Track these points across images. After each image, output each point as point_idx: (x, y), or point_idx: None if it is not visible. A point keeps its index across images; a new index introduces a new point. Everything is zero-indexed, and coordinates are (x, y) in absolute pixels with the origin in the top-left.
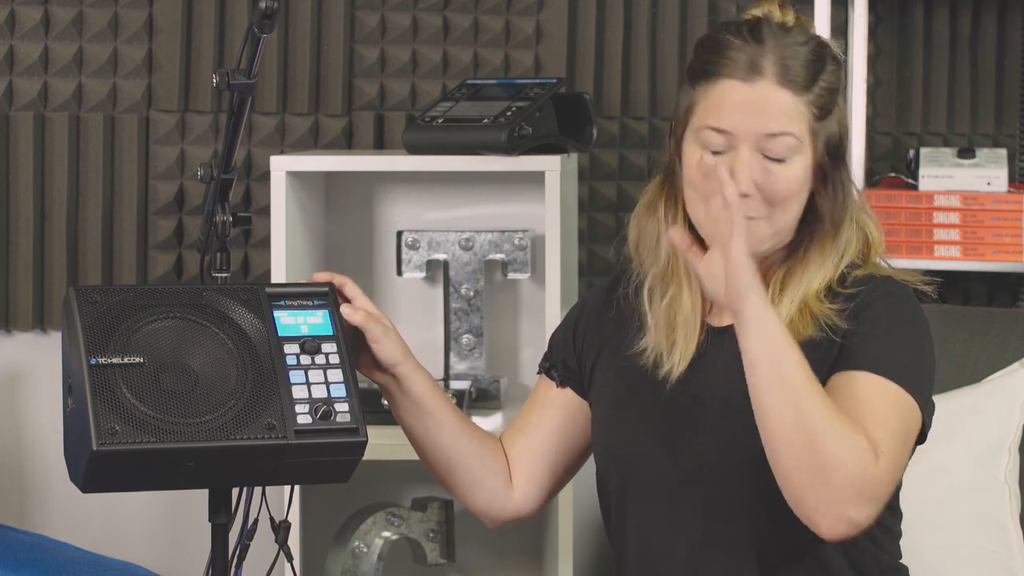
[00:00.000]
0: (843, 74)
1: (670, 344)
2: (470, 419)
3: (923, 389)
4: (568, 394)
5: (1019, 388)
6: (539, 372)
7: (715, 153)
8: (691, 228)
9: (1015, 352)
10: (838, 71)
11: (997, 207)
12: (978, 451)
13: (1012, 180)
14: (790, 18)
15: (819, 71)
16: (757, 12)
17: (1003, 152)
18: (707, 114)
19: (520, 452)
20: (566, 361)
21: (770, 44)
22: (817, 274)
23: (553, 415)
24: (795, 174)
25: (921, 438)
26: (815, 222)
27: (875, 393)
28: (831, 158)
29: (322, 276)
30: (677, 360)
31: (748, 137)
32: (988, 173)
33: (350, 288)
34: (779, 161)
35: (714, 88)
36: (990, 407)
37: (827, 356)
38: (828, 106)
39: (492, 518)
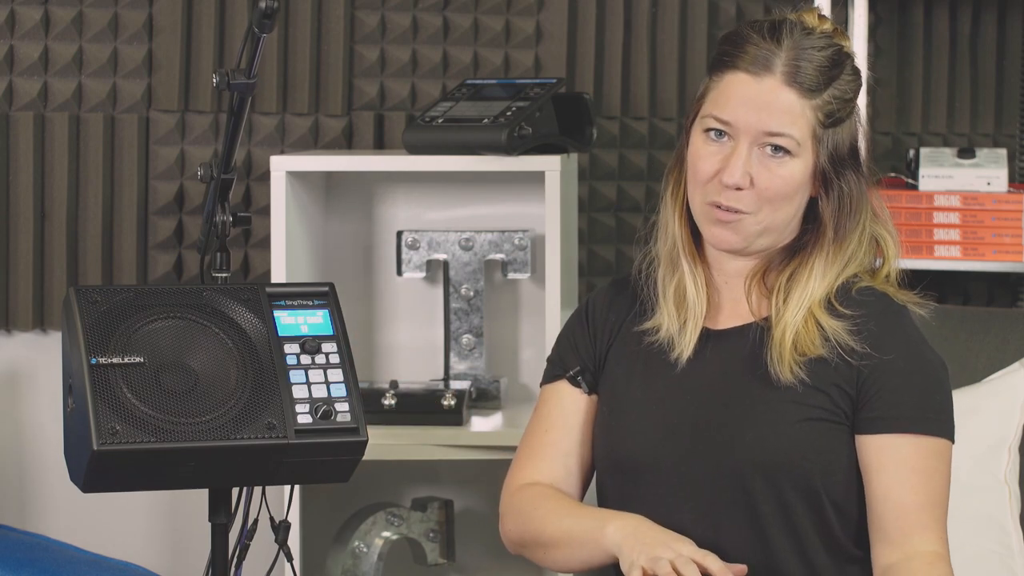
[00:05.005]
0: (859, 85)
1: (681, 323)
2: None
3: (951, 420)
4: (594, 399)
5: (1019, 388)
6: (546, 381)
7: (717, 136)
8: (691, 218)
9: (1015, 352)
10: (855, 82)
11: (997, 207)
12: (978, 451)
13: (1012, 180)
14: (827, 26)
15: (833, 78)
16: (789, 15)
17: (1003, 152)
18: (714, 103)
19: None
20: (586, 363)
21: (787, 44)
22: (821, 282)
23: (586, 429)
24: (789, 174)
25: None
26: (820, 229)
27: (920, 466)
28: (837, 167)
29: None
30: (687, 342)
31: (748, 132)
32: (988, 173)
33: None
34: (776, 158)
35: (724, 79)
36: (990, 407)
37: (848, 380)
38: (838, 114)
39: None
